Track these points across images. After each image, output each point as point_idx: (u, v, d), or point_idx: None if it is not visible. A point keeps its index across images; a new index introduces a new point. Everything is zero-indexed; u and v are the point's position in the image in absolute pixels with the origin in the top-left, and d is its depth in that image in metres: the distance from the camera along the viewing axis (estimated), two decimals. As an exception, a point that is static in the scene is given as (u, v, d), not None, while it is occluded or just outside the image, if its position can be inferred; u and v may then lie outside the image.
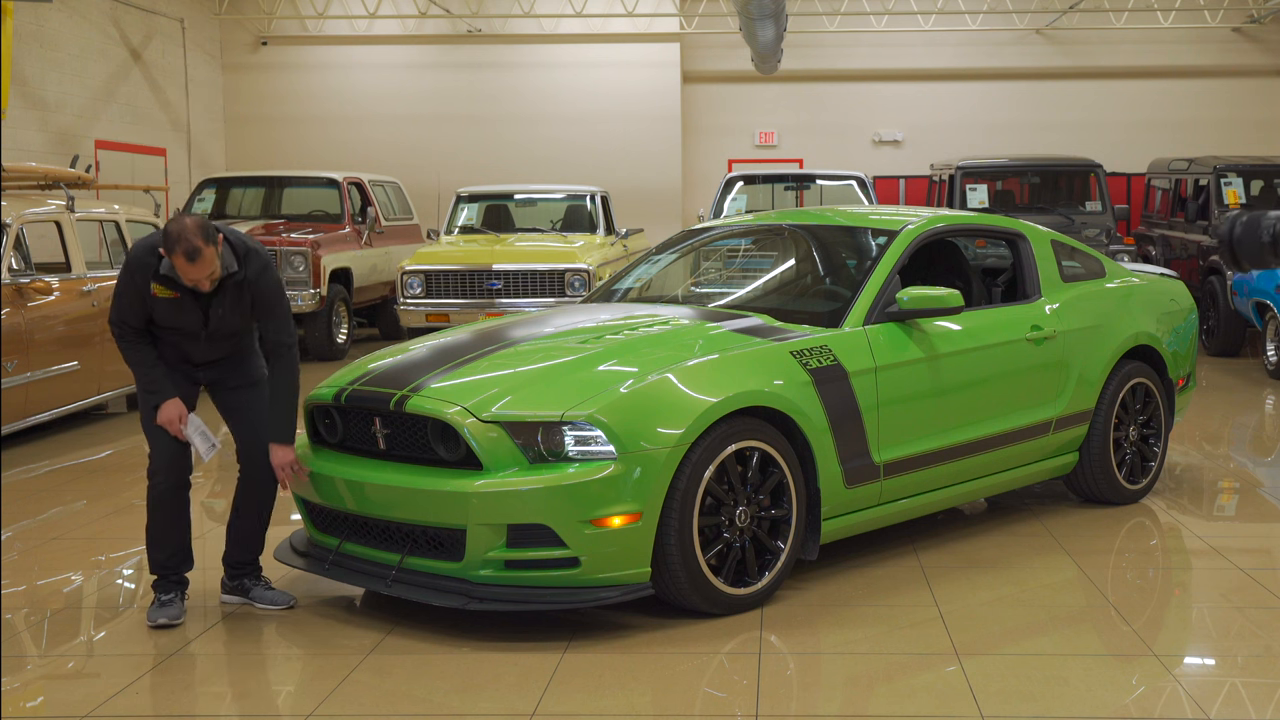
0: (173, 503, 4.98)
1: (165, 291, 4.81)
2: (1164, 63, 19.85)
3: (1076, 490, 6.65)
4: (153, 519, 5.00)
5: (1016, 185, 15.46)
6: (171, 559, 5.01)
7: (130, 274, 4.83)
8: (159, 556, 5.01)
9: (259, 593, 5.14)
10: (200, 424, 4.97)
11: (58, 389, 8.88)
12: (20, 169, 9.85)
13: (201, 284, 4.73)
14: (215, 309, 4.87)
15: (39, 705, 4.23)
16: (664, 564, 4.73)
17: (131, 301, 4.85)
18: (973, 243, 9.94)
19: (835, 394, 5.23)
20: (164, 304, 4.83)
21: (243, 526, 5.13)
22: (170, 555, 5.00)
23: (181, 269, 4.66)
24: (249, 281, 4.88)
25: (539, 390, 4.82)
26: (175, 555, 5.01)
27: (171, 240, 4.63)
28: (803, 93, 20.13)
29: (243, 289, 4.88)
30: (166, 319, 4.87)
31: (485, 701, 4.18)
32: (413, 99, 19.59)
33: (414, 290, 12.34)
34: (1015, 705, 4.09)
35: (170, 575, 5.03)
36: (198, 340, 4.94)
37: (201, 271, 4.68)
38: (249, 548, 5.15)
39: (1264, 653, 4.58)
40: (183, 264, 4.65)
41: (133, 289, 4.83)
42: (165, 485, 4.96)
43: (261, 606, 5.10)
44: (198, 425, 4.95)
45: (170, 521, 4.99)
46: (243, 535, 5.14)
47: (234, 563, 5.17)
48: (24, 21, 14.16)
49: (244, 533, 5.13)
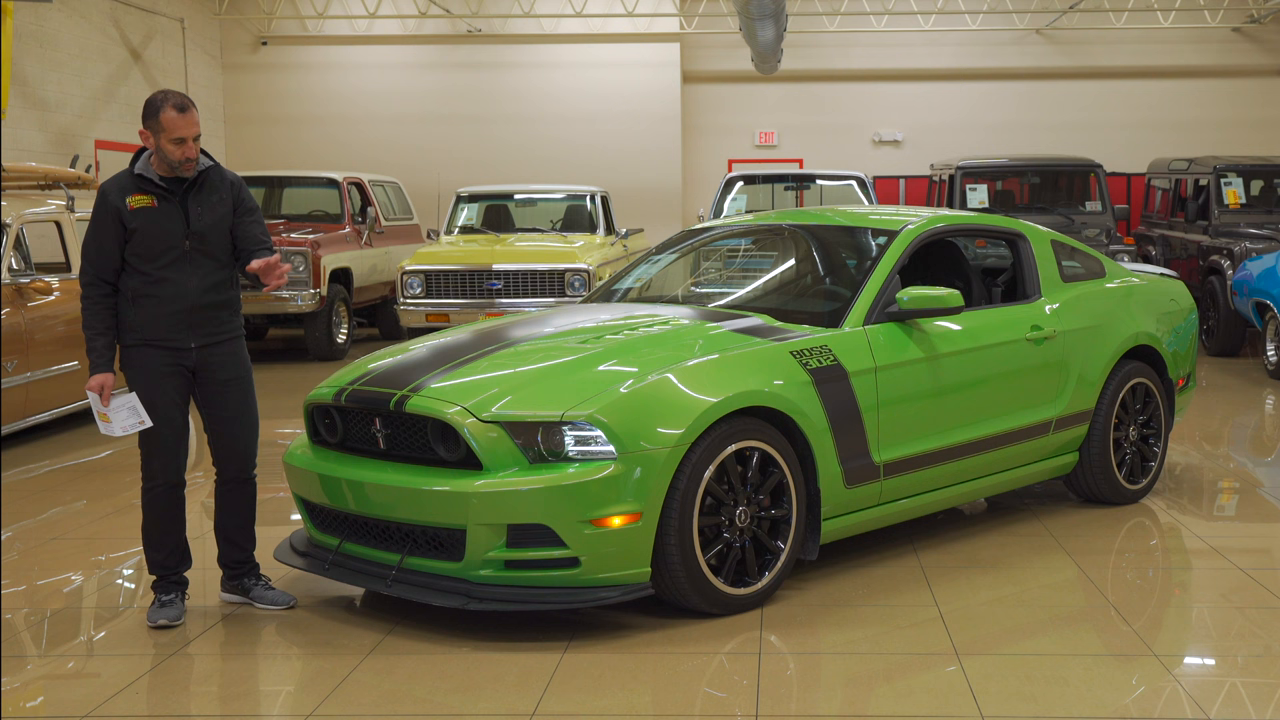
0: (169, 504, 4.98)
1: (143, 199, 4.78)
2: (1164, 63, 19.85)
3: (1076, 490, 6.65)
4: (149, 520, 5.00)
5: (1016, 185, 15.46)
6: (169, 559, 5.01)
7: (104, 199, 4.80)
8: (157, 557, 5.01)
9: (259, 592, 5.13)
10: (134, 400, 4.83)
11: (58, 389, 8.88)
12: (20, 169, 9.86)
13: (190, 151, 4.72)
14: (194, 206, 4.82)
15: (39, 705, 4.23)
16: (664, 564, 4.73)
17: (103, 237, 4.79)
18: (973, 243, 9.94)
19: (835, 394, 5.23)
20: (144, 216, 4.77)
21: (229, 524, 5.12)
22: (168, 555, 5.01)
23: (173, 123, 4.67)
24: (231, 185, 4.89)
25: (539, 390, 4.82)
26: (173, 555, 5.02)
27: (159, 98, 4.68)
28: (803, 93, 20.13)
29: (223, 192, 4.87)
30: (147, 235, 4.77)
31: (485, 701, 4.18)
32: (413, 99, 19.59)
33: (414, 290, 12.34)
34: (1015, 705, 4.10)
35: (169, 575, 5.03)
36: (180, 261, 4.81)
37: (191, 128, 4.70)
38: (240, 545, 5.14)
39: (1264, 653, 4.58)
40: (174, 116, 4.67)
41: (106, 215, 4.79)
42: (161, 487, 4.96)
43: (262, 606, 5.09)
44: (129, 401, 4.82)
45: (167, 522, 4.99)
46: (231, 534, 5.13)
47: (230, 563, 5.16)
48: (24, 21, 14.17)
49: (232, 531, 5.12)
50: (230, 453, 5.05)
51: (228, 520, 5.12)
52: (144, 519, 5.01)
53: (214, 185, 4.90)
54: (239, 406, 5.01)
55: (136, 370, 4.89)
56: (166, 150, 4.75)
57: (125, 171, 4.87)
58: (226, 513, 5.12)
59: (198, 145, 4.78)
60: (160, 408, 4.87)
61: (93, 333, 4.85)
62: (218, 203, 4.89)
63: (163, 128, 4.71)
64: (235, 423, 5.02)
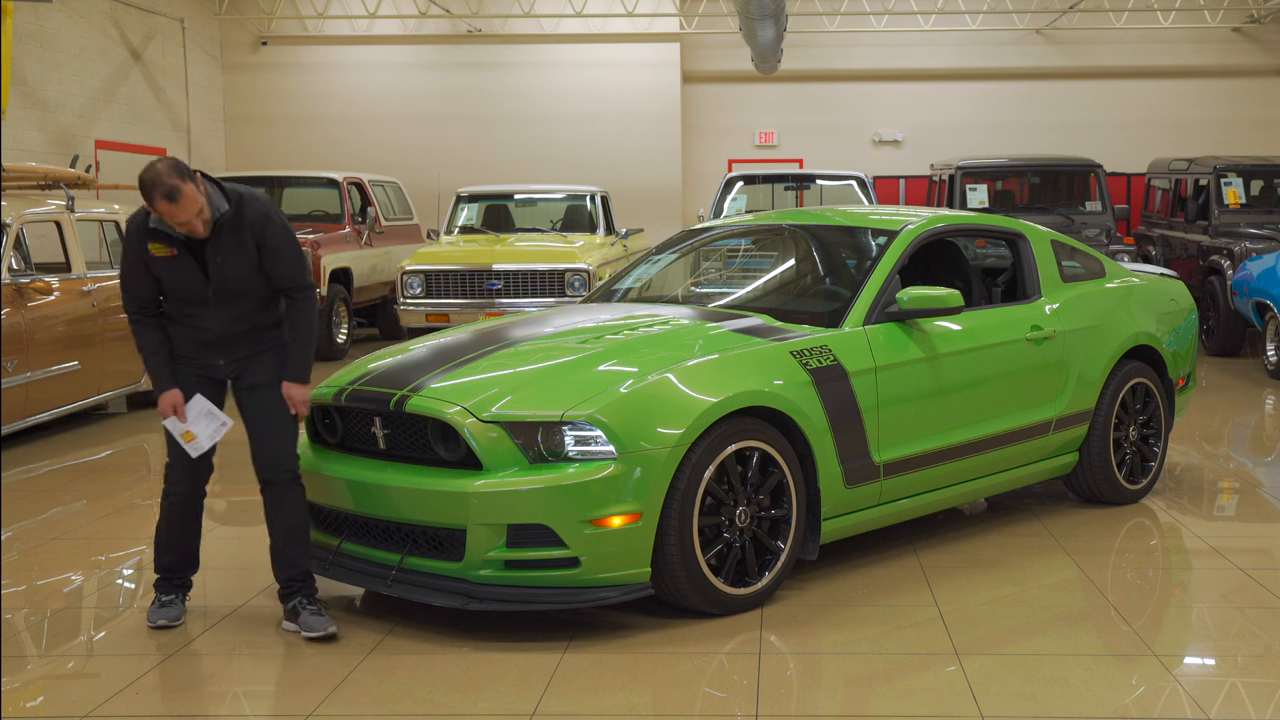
0: (184, 513, 4.92)
1: (162, 249, 4.65)
2: (1164, 63, 19.85)
3: (1076, 490, 6.65)
4: (163, 525, 4.94)
5: (1016, 185, 15.46)
6: (176, 563, 4.98)
7: (128, 241, 4.73)
8: (165, 560, 4.97)
9: (305, 619, 4.78)
10: (206, 404, 4.78)
11: (58, 389, 8.88)
12: (20, 169, 9.85)
13: (195, 227, 4.53)
14: (213, 258, 4.65)
15: (39, 705, 4.23)
16: (664, 564, 4.73)
17: (134, 271, 4.73)
18: (973, 243, 9.94)
19: (835, 394, 5.23)
20: (165, 265, 4.67)
21: (273, 534, 4.89)
22: (176, 560, 4.97)
23: (167, 213, 4.48)
24: (251, 225, 4.67)
25: (539, 390, 4.82)
26: (181, 560, 4.98)
27: (147, 187, 4.45)
28: (803, 93, 20.13)
29: (240, 232, 4.66)
30: (172, 282, 4.70)
31: (485, 701, 4.18)
32: (413, 99, 19.59)
33: (414, 290, 12.33)
34: (1015, 705, 4.10)
35: (174, 579, 5.00)
36: (206, 305, 4.72)
37: (188, 211, 4.48)
38: (292, 562, 4.87)
39: (1264, 653, 4.58)
40: (166, 207, 4.46)
41: (133, 256, 4.71)
42: (178, 496, 4.89)
43: (303, 634, 4.77)
44: (202, 407, 4.77)
45: (179, 530, 4.93)
46: (278, 547, 4.88)
47: (281, 580, 4.90)
48: (24, 21, 14.16)
49: (278, 543, 4.88)
50: (261, 454, 4.86)
51: (273, 529, 4.89)
52: (160, 520, 4.96)
53: (233, 231, 4.67)
54: (267, 406, 4.83)
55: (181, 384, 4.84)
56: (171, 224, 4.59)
57: (145, 211, 4.67)
58: (270, 521, 4.89)
59: (201, 219, 4.55)
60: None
61: (147, 353, 4.81)
62: (237, 250, 4.68)
63: (159, 213, 4.54)
64: (264, 423, 4.83)
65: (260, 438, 4.86)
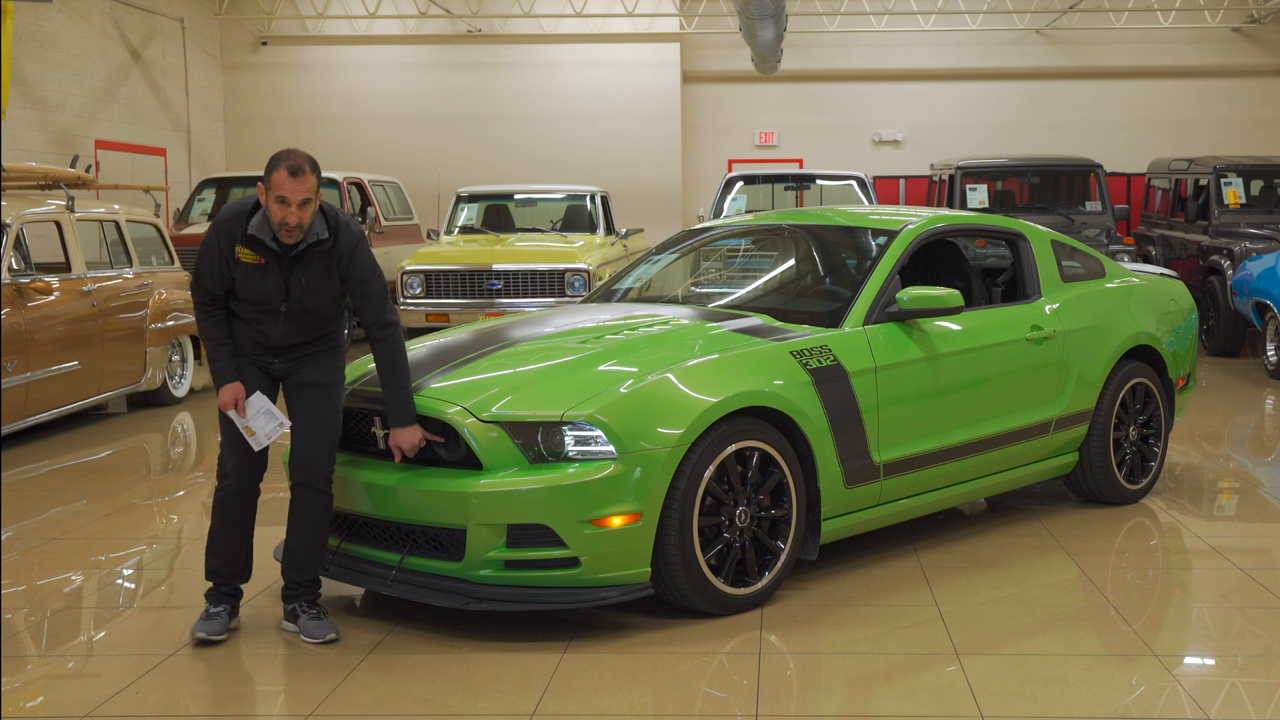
0: (237, 508, 4.76)
1: (250, 255, 4.59)
2: (1164, 63, 19.85)
3: (1076, 490, 6.65)
4: (215, 523, 4.77)
5: (1016, 185, 15.46)
6: (227, 566, 4.78)
7: (216, 235, 4.62)
8: (215, 563, 4.78)
9: (304, 623, 4.76)
10: (265, 402, 4.69)
11: (58, 389, 8.88)
12: (20, 169, 9.85)
13: (290, 219, 4.49)
14: (297, 278, 4.62)
15: (39, 705, 4.23)
16: (664, 564, 4.73)
17: (213, 265, 4.63)
18: (973, 243, 9.94)
19: (835, 394, 5.23)
20: (246, 270, 4.61)
21: (291, 539, 4.83)
22: (227, 563, 4.77)
23: (280, 184, 4.46)
24: (340, 254, 4.65)
25: (539, 390, 4.82)
26: (231, 563, 4.78)
27: (279, 156, 4.52)
28: (803, 93, 20.13)
29: (331, 261, 4.65)
30: (248, 288, 4.64)
31: (485, 701, 4.18)
32: (413, 99, 19.60)
33: (414, 290, 12.34)
34: (1015, 705, 4.10)
35: (224, 585, 4.79)
36: (276, 318, 4.68)
37: (299, 192, 4.46)
38: (299, 567, 4.80)
39: (1264, 653, 4.58)
40: (283, 179, 4.46)
41: (216, 251, 4.62)
42: (232, 489, 4.74)
43: (304, 639, 4.74)
44: (261, 405, 4.69)
45: (232, 527, 4.77)
46: (293, 549, 4.81)
47: (288, 582, 4.84)
48: (24, 21, 14.17)
49: (294, 546, 4.81)
50: (303, 456, 4.75)
51: (292, 534, 4.83)
52: (211, 521, 4.80)
53: (324, 257, 4.65)
54: (317, 409, 4.76)
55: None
56: (271, 210, 4.55)
57: (244, 213, 4.64)
58: (292, 525, 4.83)
59: (305, 212, 4.52)
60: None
61: (214, 344, 4.72)
62: (324, 277, 4.66)
63: (270, 185, 4.52)
64: (311, 425, 4.75)
65: (303, 438, 4.77)
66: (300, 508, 4.80)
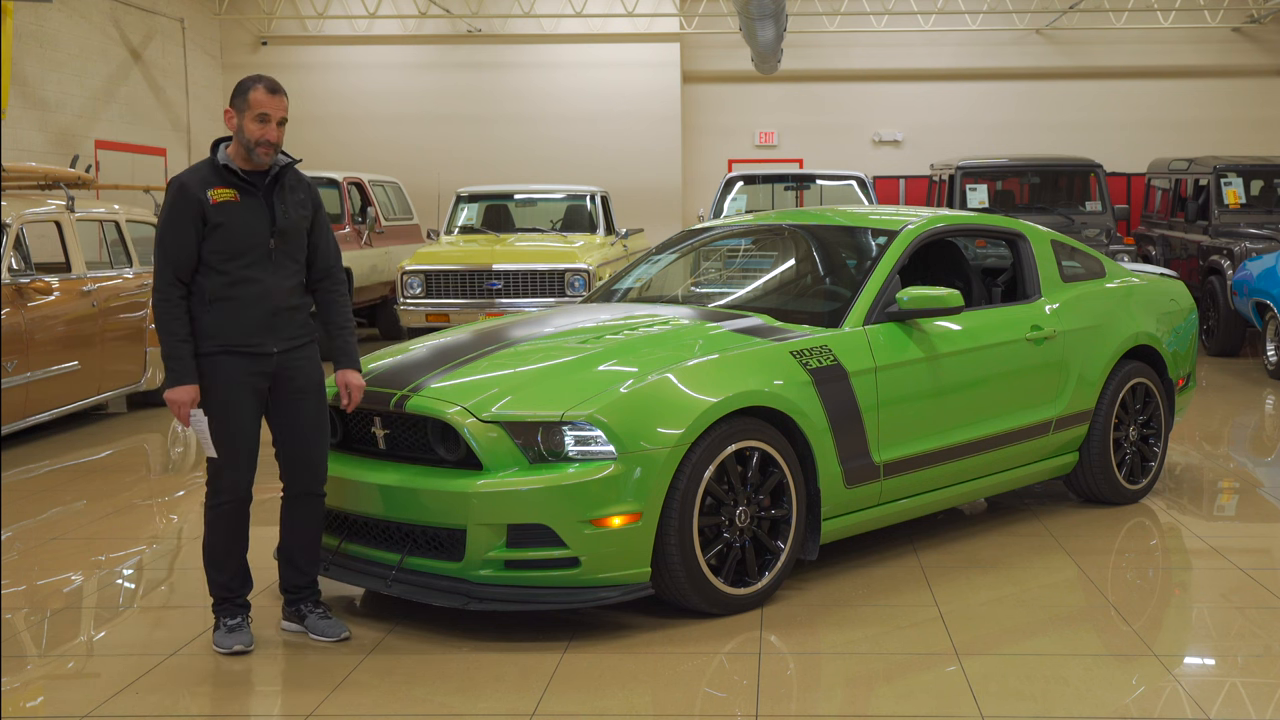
0: (235, 522, 4.66)
1: (227, 193, 4.50)
2: (1164, 63, 19.85)
3: (1076, 490, 6.65)
4: (214, 539, 4.66)
5: (1016, 185, 15.46)
6: (233, 580, 4.70)
7: (180, 192, 4.50)
8: (220, 578, 4.69)
9: (313, 621, 4.77)
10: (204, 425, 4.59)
11: (58, 389, 8.88)
12: (20, 169, 9.86)
13: (270, 136, 4.49)
14: (278, 203, 4.59)
15: (39, 705, 4.23)
16: (664, 564, 4.73)
17: (181, 228, 4.48)
18: (973, 243, 9.94)
19: (835, 394, 5.23)
20: (226, 211, 4.49)
21: (292, 544, 4.78)
22: (231, 576, 4.69)
23: (261, 101, 4.48)
24: (309, 190, 4.73)
25: (539, 390, 4.82)
26: (236, 577, 4.70)
27: (252, 78, 4.55)
28: (803, 93, 20.13)
29: (301, 193, 4.68)
30: (230, 233, 4.50)
31: (485, 701, 4.18)
32: (413, 99, 19.60)
33: (414, 290, 12.33)
34: (1015, 705, 4.10)
35: (233, 599, 4.71)
36: (268, 262, 4.55)
37: (279, 109, 4.52)
38: (302, 569, 4.79)
39: (1264, 653, 4.58)
40: (263, 96, 4.50)
41: (185, 213, 4.48)
42: (229, 504, 4.63)
43: (314, 638, 4.74)
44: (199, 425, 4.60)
45: (231, 541, 4.66)
46: (293, 555, 4.78)
47: (290, 587, 4.81)
48: (24, 21, 14.17)
49: (295, 552, 4.78)
50: (304, 464, 4.71)
51: (292, 540, 4.77)
52: (207, 538, 4.67)
53: (295, 183, 4.69)
54: (315, 415, 4.71)
55: (214, 381, 4.54)
56: (247, 130, 4.50)
57: (204, 163, 4.59)
58: (291, 531, 4.77)
59: (281, 131, 4.56)
60: (238, 422, 4.57)
61: (175, 339, 4.49)
62: (300, 203, 4.67)
63: (249, 105, 4.50)
64: (311, 432, 4.70)
65: (309, 446, 4.70)
66: (300, 513, 4.76)
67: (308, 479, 4.74)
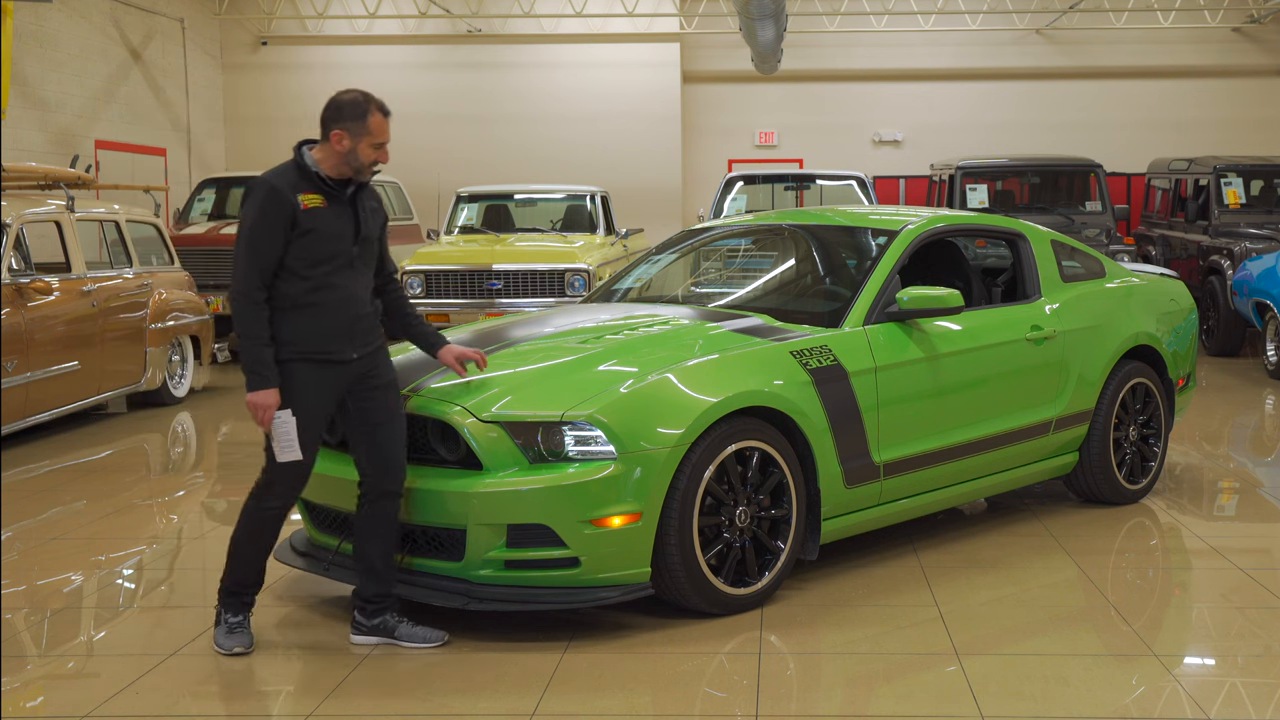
0: (275, 526, 4.62)
1: (315, 198, 4.48)
2: (1164, 63, 19.85)
3: (1076, 490, 6.65)
4: (247, 538, 4.61)
5: (1016, 185, 15.46)
6: (250, 579, 4.66)
7: (271, 195, 4.44)
8: (241, 574, 4.63)
9: (405, 630, 4.65)
10: (291, 427, 4.47)
11: (58, 389, 8.88)
12: (20, 169, 9.85)
13: (383, 159, 4.62)
14: (362, 209, 4.61)
15: (39, 705, 4.23)
16: (664, 564, 4.73)
17: (273, 231, 4.41)
18: (973, 243, 9.94)
19: (835, 394, 5.23)
20: (315, 216, 4.47)
21: (373, 551, 4.64)
22: (250, 576, 4.65)
23: (381, 129, 4.57)
24: (378, 198, 4.79)
25: (539, 390, 4.82)
26: (254, 575, 4.66)
27: (361, 99, 4.59)
28: (803, 93, 20.13)
29: (373, 200, 4.73)
30: (318, 238, 4.47)
31: (485, 701, 4.18)
32: (413, 99, 19.57)
33: (414, 290, 12.34)
34: (1015, 705, 4.10)
35: (243, 595, 4.67)
36: (350, 269, 4.54)
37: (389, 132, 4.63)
38: (383, 577, 4.67)
39: (1264, 653, 4.58)
40: (382, 122, 4.58)
41: (277, 216, 4.42)
42: (278, 510, 4.58)
43: (409, 646, 4.63)
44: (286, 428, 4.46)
45: (263, 544, 4.64)
46: (375, 561, 4.65)
47: (370, 596, 4.67)
48: (24, 21, 14.17)
49: (376, 558, 4.64)
50: (389, 462, 4.62)
51: (371, 546, 4.63)
52: (239, 534, 4.61)
53: (372, 192, 4.71)
54: (396, 410, 4.66)
55: (291, 389, 4.47)
56: (363, 154, 4.53)
57: (289, 166, 4.54)
58: (371, 537, 4.63)
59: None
60: (310, 432, 4.51)
61: (259, 343, 4.42)
62: (375, 211, 4.69)
63: (368, 131, 4.52)
64: (394, 429, 4.64)
65: (388, 445, 4.63)
66: (379, 518, 4.64)
67: (392, 477, 4.64)
